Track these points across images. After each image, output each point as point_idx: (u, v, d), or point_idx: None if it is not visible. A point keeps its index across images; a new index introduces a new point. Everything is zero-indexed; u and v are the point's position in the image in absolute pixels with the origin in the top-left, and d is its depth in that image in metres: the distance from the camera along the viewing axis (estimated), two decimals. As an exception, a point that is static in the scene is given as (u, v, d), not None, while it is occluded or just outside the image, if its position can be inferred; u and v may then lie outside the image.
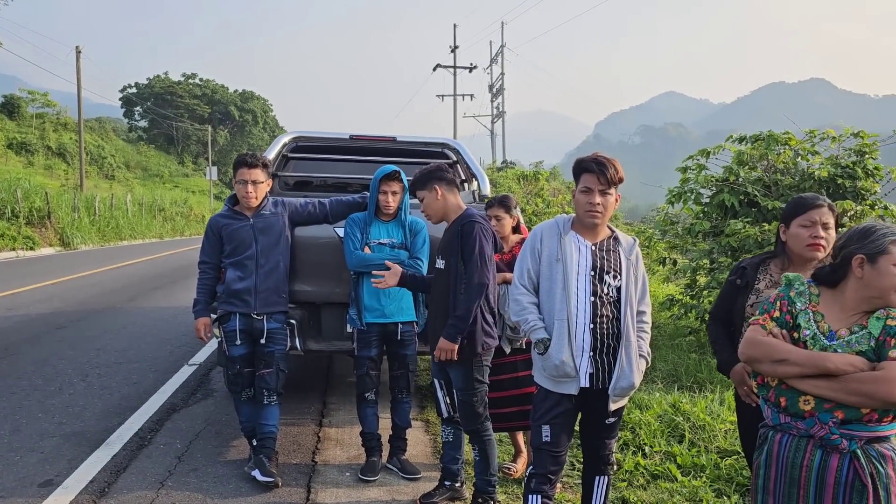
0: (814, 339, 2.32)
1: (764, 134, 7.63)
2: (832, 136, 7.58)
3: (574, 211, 3.36)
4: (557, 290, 3.24)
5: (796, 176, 7.44)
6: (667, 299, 8.03)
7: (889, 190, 7.37)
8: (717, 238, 7.32)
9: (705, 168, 7.76)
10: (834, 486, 2.25)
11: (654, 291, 10.53)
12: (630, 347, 3.24)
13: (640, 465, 4.49)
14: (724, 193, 7.30)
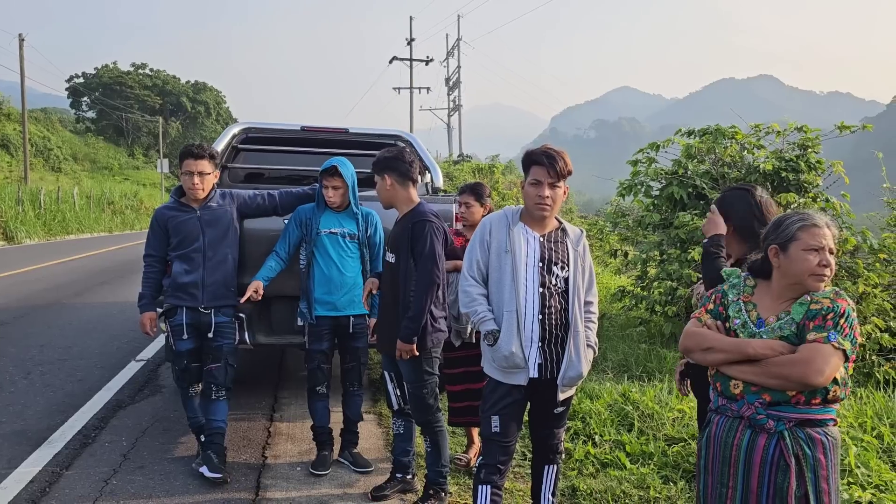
0: (743, 328, 2.43)
1: (711, 128, 7.79)
2: (777, 131, 7.78)
3: (523, 203, 3.38)
4: (506, 281, 3.25)
5: (742, 169, 7.60)
6: (618, 291, 8.14)
7: (830, 183, 7.59)
8: (666, 230, 7.45)
9: (655, 161, 7.89)
10: (760, 465, 2.34)
11: (606, 283, 10.68)
12: (578, 337, 3.28)
13: (591, 454, 4.56)
14: (674, 186, 7.43)
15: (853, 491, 3.78)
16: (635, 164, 8.00)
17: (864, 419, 4.82)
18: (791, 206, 7.06)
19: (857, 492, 3.77)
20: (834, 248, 2.38)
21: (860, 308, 6.84)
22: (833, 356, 2.22)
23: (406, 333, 3.67)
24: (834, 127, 7.82)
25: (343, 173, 4.35)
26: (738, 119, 8.24)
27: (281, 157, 6.53)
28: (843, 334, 2.23)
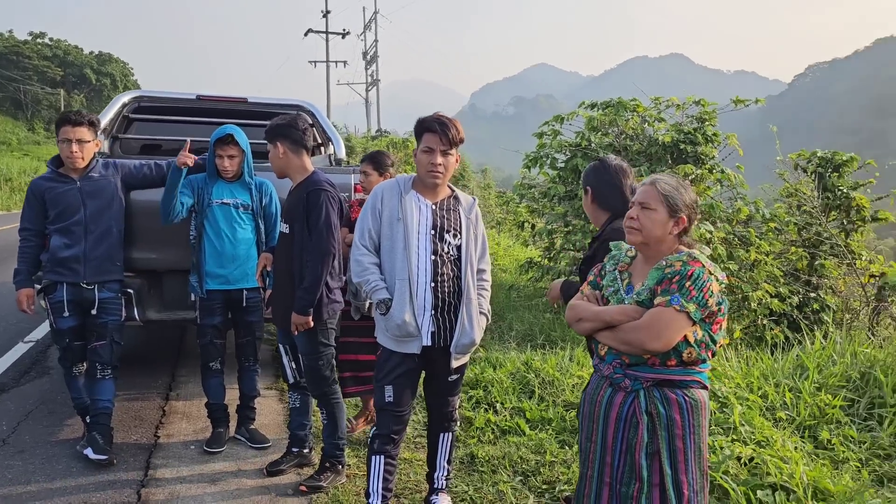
0: (614, 295, 2.51)
1: (614, 101, 7.93)
2: (676, 104, 7.99)
3: (417, 171, 3.34)
4: (398, 249, 3.22)
5: (644, 141, 7.79)
6: (526, 262, 8.25)
7: (726, 155, 7.87)
8: (571, 201, 7.57)
9: (560, 134, 7.98)
10: (616, 421, 2.44)
11: (515, 255, 10.82)
12: (471, 305, 3.28)
13: (491, 422, 4.60)
14: (578, 158, 7.55)
15: (736, 447, 3.94)
16: (541, 136, 8.08)
17: (752, 380, 5.04)
18: (689, 177, 7.28)
19: (739, 448, 3.94)
20: (652, 204, 2.43)
21: (752, 275, 7.16)
22: (674, 320, 2.28)
23: (301, 305, 3.58)
24: (730, 101, 8.10)
25: (239, 141, 4.20)
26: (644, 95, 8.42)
27: (176, 128, 6.26)
28: (688, 297, 2.29)
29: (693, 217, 2.48)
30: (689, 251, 2.42)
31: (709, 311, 2.32)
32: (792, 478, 3.40)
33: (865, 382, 4.99)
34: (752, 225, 7.66)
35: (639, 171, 7.11)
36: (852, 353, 5.43)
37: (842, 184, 8.40)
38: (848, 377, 5.03)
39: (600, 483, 2.49)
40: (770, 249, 7.52)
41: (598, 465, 2.50)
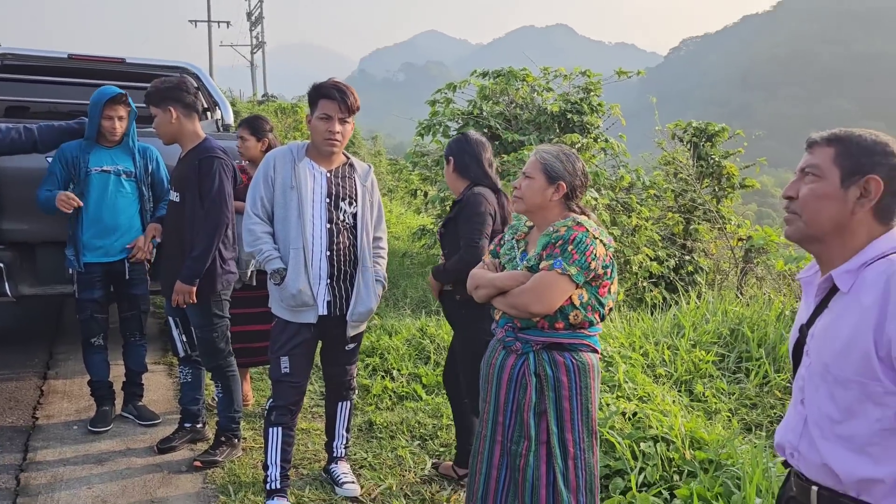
0: (510, 263, 2.60)
1: (505, 70, 8.03)
2: (563, 75, 8.20)
3: (312, 138, 3.27)
4: (292, 218, 3.16)
5: (533, 110, 7.96)
6: (419, 229, 8.29)
7: (610, 124, 8.17)
8: (463, 169, 7.64)
9: (452, 102, 8.02)
10: (507, 382, 2.54)
11: (408, 222, 10.86)
12: (367, 273, 3.28)
13: (388, 389, 4.65)
14: (470, 126, 7.62)
15: (620, 403, 4.17)
16: (434, 104, 8.09)
17: (634, 339, 5.32)
18: (575, 145, 7.52)
19: (623, 404, 4.17)
20: (532, 173, 2.54)
21: (634, 240, 7.52)
22: (556, 283, 2.38)
23: (188, 274, 3.45)
24: (614, 72, 8.40)
25: (131, 103, 3.98)
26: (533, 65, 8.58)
27: (46, 89, 5.83)
28: (570, 260, 2.38)
29: (578, 184, 2.57)
30: (574, 217, 2.52)
31: (593, 274, 2.42)
32: (671, 429, 3.64)
33: (735, 338, 5.38)
34: (634, 192, 8.02)
35: (528, 140, 7.28)
36: (723, 311, 5.84)
37: (714, 153, 8.92)
38: (719, 334, 5.41)
39: (493, 441, 2.59)
40: (650, 215, 7.92)
41: (492, 424, 2.59)
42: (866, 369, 1.47)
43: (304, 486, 3.47)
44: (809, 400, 1.61)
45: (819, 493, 1.58)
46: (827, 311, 1.60)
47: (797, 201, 1.63)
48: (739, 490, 3.10)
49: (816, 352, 1.60)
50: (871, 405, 1.47)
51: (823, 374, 1.56)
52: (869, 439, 1.48)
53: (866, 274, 1.52)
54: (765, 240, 7.53)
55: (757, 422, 4.32)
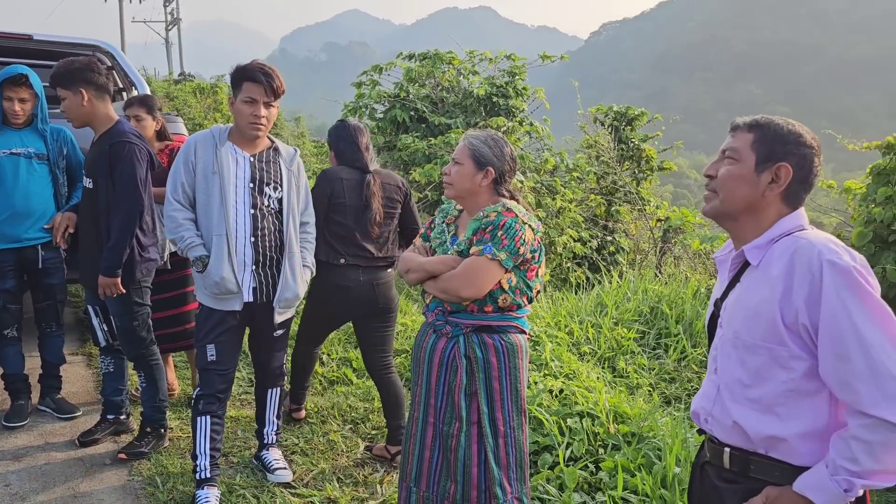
0: (441, 246, 2.64)
1: (431, 53, 8.03)
2: (489, 58, 8.26)
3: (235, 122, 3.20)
4: (215, 204, 3.10)
5: (459, 94, 7.99)
6: (346, 213, 8.23)
7: (534, 108, 8.30)
8: (391, 152, 7.63)
9: (379, 84, 7.97)
10: (438, 365, 2.59)
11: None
12: (294, 259, 3.25)
13: (318, 374, 4.62)
14: (396, 109, 7.60)
15: (547, 381, 4.28)
16: (360, 86, 8.02)
17: (559, 318, 5.46)
18: (501, 129, 7.60)
19: (550, 381, 4.28)
20: (460, 159, 2.58)
21: (558, 222, 7.69)
22: (486, 268, 2.43)
23: (107, 266, 3.33)
24: (538, 56, 8.52)
25: (33, 83, 3.77)
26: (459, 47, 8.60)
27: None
28: (499, 245, 2.44)
29: (506, 169, 2.61)
30: (504, 202, 2.57)
31: (521, 259, 2.48)
32: (596, 405, 3.77)
33: (654, 316, 5.60)
34: (557, 174, 8.19)
35: (455, 123, 7.32)
36: (643, 290, 6.05)
37: (634, 136, 9.20)
38: (640, 312, 5.62)
39: (425, 423, 2.63)
40: (573, 197, 8.11)
41: (423, 406, 2.63)
42: (773, 335, 1.60)
43: (234, 475, 3.43)
44: (722, 367, 1.74)
45: (731, 453, 1.71)
46: (739, 284, 1.74)
47: (716, 180, 1.75)
48: (660, 460, 3.25)
49: (728, 321, 1.73)
50: (778, 368, 1.61)
51: (734, 340, 1.69)
52: (775, 400, 1.62)
53: (774, 249, 1.65)
54: (681, 220, 7.83)
55: (676, 395, 4.52)
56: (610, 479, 3.20)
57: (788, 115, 1.76)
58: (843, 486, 1.51)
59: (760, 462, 1.65)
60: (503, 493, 2.54)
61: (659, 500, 3.02)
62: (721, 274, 1.86)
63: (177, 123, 4.46)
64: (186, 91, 16.54)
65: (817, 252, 1.55)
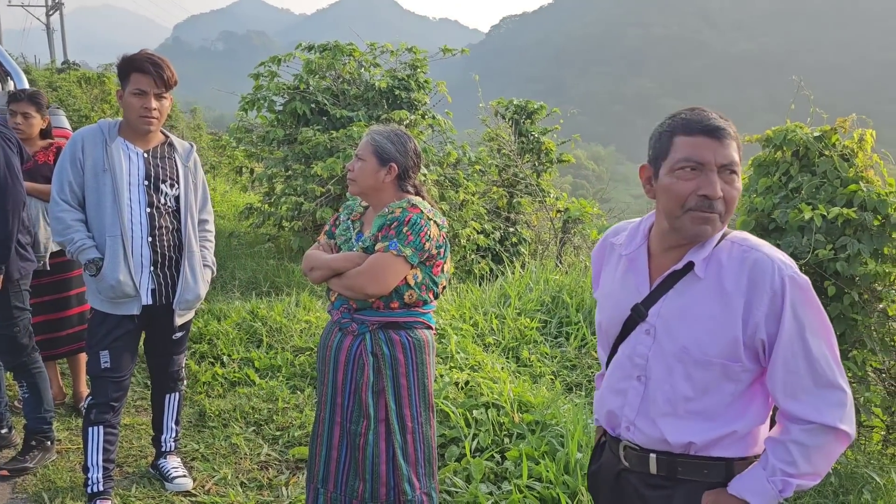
0: (346, 243, 2.60)
1: (331, 44, 7.90)
2: (391, 50, 8.21)
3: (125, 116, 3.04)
4: (107, 203, 2.95)
5: (361, 86, 7.91)
6: (246, 208, 8.02)
7: (437, 101, 8.31)
8: (291, 145, 7.47)
9: (277, 76, 7.77)
10: (344, 363, 2.56)
11: (234, 201, 10.44)
12: (193, 258, 3.14)
13: (219, 375, 4.49)
14: (297, 102, 7.44)
15: (453, 374, 4.33)
16: (257, 77, 7.80)
17: (464, 310, 5.52)
18: (403, 122, 7.58)
19: (456, 374, 4.33)
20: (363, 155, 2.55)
21: (461, 214, 7.75)
22: (392, 264, 2.43)
23: None
24: (439, 50, 8.54)
25: None
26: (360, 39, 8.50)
27: None
28: (405, 242, 2.44)
29: (410, 165, 2.61)
30: (409, 198, 2.56)
31: (427, 255, 2.49)
32: (501, 395, 3.84)
33: (555, 305, 5.75)
34: (460, 167, 8.25)
35: (357, 116, 7.24)
36: (545, 280, 6.20)
37: (533, 129, 9.38)
38: (542, 301, 5.75)
39: (332, 423, 2.60)
40: (476, 190, 8.19)
41: (330, 405, 2.60)
42: (730, 352, 1.59)
43: (130, 486, 3.29)
44: (658, 380, 1.67)
45: (658, 458, 1.68)
46: (674, 293, 1.65)
47: (720, 201, 1.57)
48: (563, 447, 3.35)
49: (668, 334, 1.65)
50: (728, 382, 1.61)
51: (680, 356, 1.63)
52: (717, 409, 1.63)
53: (720, 258, 1.61)
54: (580, 211, 8.07)
55: (577, 382, 4.66)
56: (515, 468, 3.27)
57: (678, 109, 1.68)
58: (778, 486, 1.57)
59: (688, 462, 1.65)
60: (412, 489, 2.55)
61: (562, 485, 3.11)
62: (635, 273, 1.74)
63: (58, 117, 4.20)
64: (71, 81, 15.59)
65: (777, 268, 1.55)
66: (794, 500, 3.66)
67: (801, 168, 4.18)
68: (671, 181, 1.60)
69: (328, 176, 6.50)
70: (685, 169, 1.58)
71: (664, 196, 1.63)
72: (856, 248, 3.75)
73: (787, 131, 4.22)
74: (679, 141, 1.60)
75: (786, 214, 4.00)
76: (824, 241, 3.86)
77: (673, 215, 1.62)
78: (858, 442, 4.30)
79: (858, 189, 3.90)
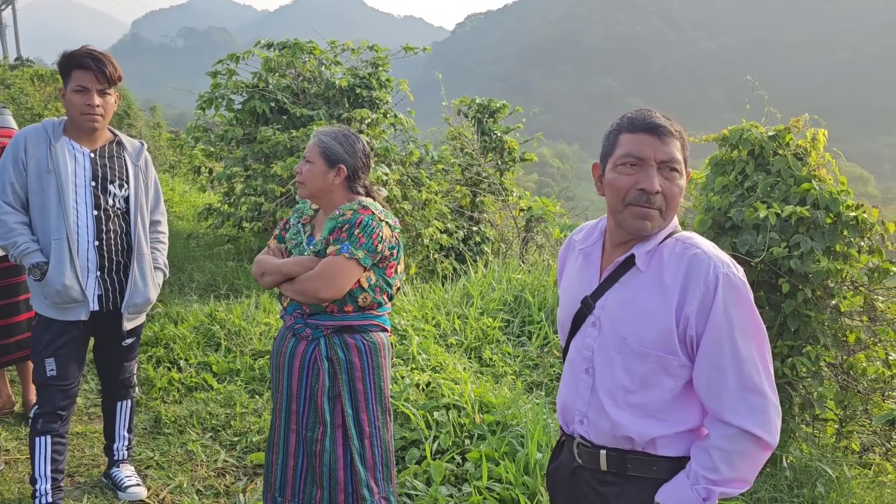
0: (297, 247, 2.56)
1: (290, 42, 7.80)
2: (351, 48, 8.13)
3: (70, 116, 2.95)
4: (52, 205, 2.86)
5: (322, 84, 7.82)
6: (205, 209, 7.88)
7: (399, 100, 8.27)
8: (250, 145, 7.36)
9: (236, 74, 7.65)
10: (299, 369, 2.52)
11: (192, 201, 10.27)
12: (143, 261, 3.06)
13: (175, 381, 4.39)
14: (256, 100, 7.32)
15: (415, 375, 4.29)
16: (215, 75, 7.66)
17: (426, 311, 5.49)
18: (364, 121, 7.52)
19: (417, 375, 4.29)
20: (311, 157, 2.50)
21: (424, 213, 7.72)
22: (344, 267, 2.40)
23: None
24: (401, 48, 8.48)
25: None
26: (323, 36, 8.41)
27: None
28: (357, 244, 2.41)
29: (360, 166, 2.57)
30: (360, 200, 2.53)
31: (380, 256, 2.46)
32: (462, 396, 3.82)
33: (518, 304, 5.75)
34: (423, 166, 8.20)
35: (317, 115, 7.16)
36: (508, 279, 6.20)
37: (496, 128, 9.38)
38: (505, 301, 5.76)
39: (287, 430, 2.56)
40: (439, 189, 8.16)
41: (285, 413, 2.56)
42: (665, 344, 1.61)
43: (81, 496, 3.20)
44: (601, 370, 1.70)
45: (608, 455, 1.70)
46: (619, 286, 1.69)
47: (661, 196, 1.61)
48: (523, 448, 3.34)
49: (611, 325, 1.68)
50: (666, 376, 1.63)
51: (620, 346, 1.66)
52: (658, 406, 1.64)
53: (662, 253, 1.65)
54: (543, 210, 8.10)
55: (538, 381, 4.67)
56: (475, 470, 3.25)
57: (642, 107, 1.74)
58: (702, 494, 1.57)
59: (637, 459, 1.67)
60: (370, 494, 2.52)
61: (522, 486, 3.10)
62: (587, 266, 1.78)
63: (4, 116, 4.06)
64: (24, 78, 15.17)
65: (713, 265, 1.57)
66: (751, 493, 3.71)
67: (757, 167, 4.23)
68: (614, 176, 1.65)
69: (288, 176, 6.41)
70: (626, 164, 1.63)
71: (608, 191, 1.68)
72: (809, 245, 3.81)
73: (742, 131, 4.27)
74: (623, 138, 1.65)
75: (742, 213, 4.04)
76: (779, 238, 3.91)
77: (615, 210, 1.67)
78: (812, 435, 4.38)
79: (811, 188, 3.96)
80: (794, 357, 3.96)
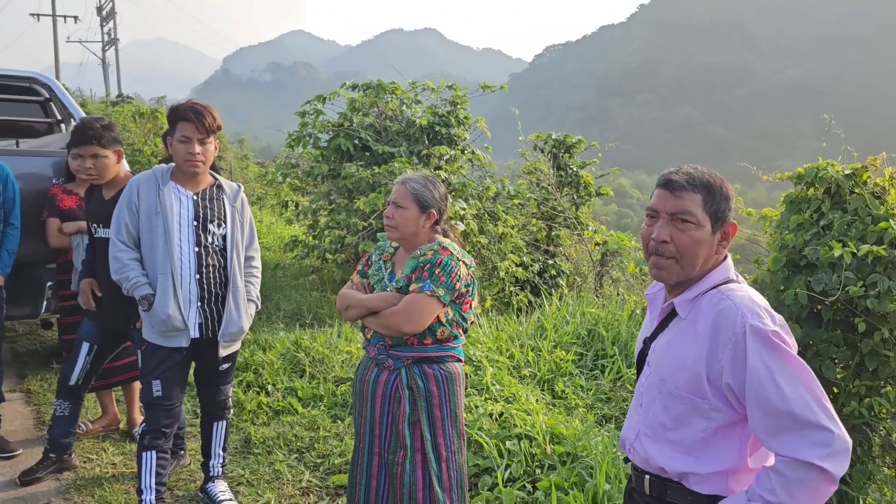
0: (379, 283, 2.77)
1: (374, 83, 8.19)
2: (431, 88, 8.46)
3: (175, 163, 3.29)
4: (159, 243, 3.18)
5: (403, 122, 8.16)
6: (291, 240, 8.29)
7: (476, 136, 8.52)
8: (335, 180, 7.73)
9: (322, 113, 8.08)
10: (382, 397, 2.72)
11: (279, 233, 10.76)
12: (238, 294, 3.33)
13: (264, 404, 4.67)
14: (340, 138, 7.71)
15: (488, 405, 4.43)
16: (303, 115, 8.11)
17: (501, 343, 5.63)
18: (443, 157, 7.79)
19: (491, 405, 4.43)
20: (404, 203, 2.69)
21: (500, 247, 7.89)
22: (426, 304, 2.60)
23: None
24: (479, 86, 8.76)
25: None
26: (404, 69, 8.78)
27: None
28: (437, 282, 2.61)
29: (443, 209, 2.79)
30: (440, 240, 2.73)
31: (457, 294, 2.66)
32: (534, 427, 3.93)
33: (592, 338, 5.82)
34: (499, 201, 8.41)
35: (398, 152, 7.47)
36: (582, 312, 6.28)
37: (572, 163, 9.51)
38: (578, 334, 5.83)
39: (370, 454, 2.76)
40: (514, 223, 8.33)
41: (369, 437, 2.76)
42: (696, 388, 1.74)
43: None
44: (647, 406, 1.88)
45: (651, 480, 1.86)
46: (667, 330, 1.86)
47: (672, 246, 1.75)
48: (592, 478, 3.42)
49: (656, 366, 1.86)
50: (698, 417, 1.75)
51: (660, 386, 1.82)
52: (693, 444, 1.77)
53: (702, 303, 1.77)
54: (618, 244, 8.13)
55: (610, 415, 4.72)
56: (545, 499, 3.36)
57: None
58: None
59: (676, 488, 1.80)
60: (447, 514, 2.68)
61: (591, 516, 3.18)
62: (651, 311, 1.98)
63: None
64: (126, 115, 16.27)
65: (741, 315, 1.67)
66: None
67: (833, 205, 4.21)
68: (642, 229, 1.84)
69: (370, 210, 6.72)
70: (648, 217, 1.82)
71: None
72: (886, 285, 3.76)
73: (818, 169, 4.26)
74: (652, 194, 1.83)
75: (817, 251, 4.03)
76: (855, 277, 3.88)
77: (646, 259, 1.84)
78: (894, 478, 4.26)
79: (889, 227, 3.92)
80: (871, 397, 3.90)
